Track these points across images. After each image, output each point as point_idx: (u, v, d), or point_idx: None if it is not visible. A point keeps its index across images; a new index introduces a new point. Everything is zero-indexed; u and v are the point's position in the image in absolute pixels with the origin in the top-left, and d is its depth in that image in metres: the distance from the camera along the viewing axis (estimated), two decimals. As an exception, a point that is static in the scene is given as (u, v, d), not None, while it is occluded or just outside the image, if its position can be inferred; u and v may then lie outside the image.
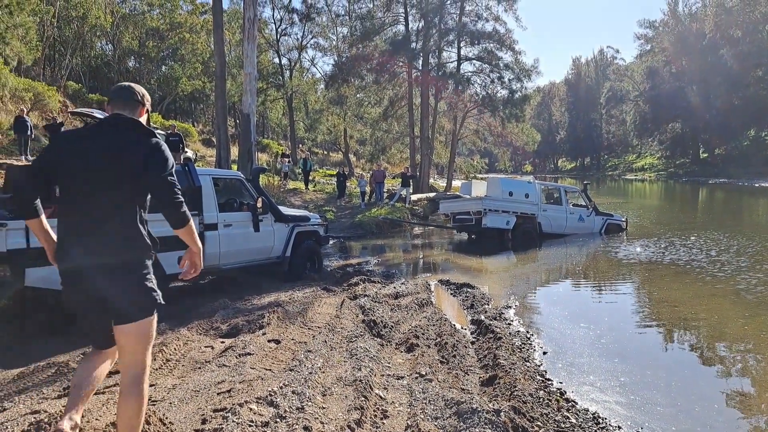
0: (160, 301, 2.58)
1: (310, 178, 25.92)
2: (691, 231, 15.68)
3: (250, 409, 3.31)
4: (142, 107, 2.63)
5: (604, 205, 19.50)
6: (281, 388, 3.70)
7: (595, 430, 3.88)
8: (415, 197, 23.41)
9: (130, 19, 36.45)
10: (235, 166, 16.72)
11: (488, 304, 7.64)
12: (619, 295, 9.04)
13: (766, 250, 11.99)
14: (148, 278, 2.54)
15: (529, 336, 6.16)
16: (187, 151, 18.76)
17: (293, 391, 3.63)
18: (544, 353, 5.62)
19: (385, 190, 23.07)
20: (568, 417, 3.96)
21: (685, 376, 5.23)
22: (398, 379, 4.37)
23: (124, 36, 36.79)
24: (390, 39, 29.39)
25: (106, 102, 2.70)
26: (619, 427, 3.98)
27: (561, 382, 4.80)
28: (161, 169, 2.45)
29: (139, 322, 2.51)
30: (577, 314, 7.46)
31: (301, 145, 43.17)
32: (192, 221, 2.59)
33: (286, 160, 26.79)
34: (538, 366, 5.17)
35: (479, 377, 4.62)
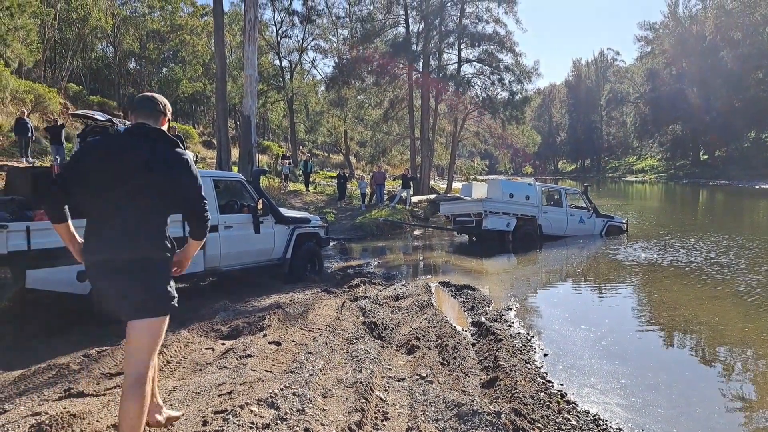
0: (176, 305, 2.70)
1: (311, 179, 25.93)
2: (692, 233, 15.68)
3: (251, 411, 3.31)
4: (164, 117, 2.76)
5: (605, 207, 19.49)
6: (282, 389, 3.70)
7: (596, 432, 3.88)
8: (415, 199, 23.41)
9: (131, 21, 36.53)
10: (235, 168, 16.72)
11: (489, 306, 7.64)
12: (619, 297, 9.03)
13: (766, 252, 11.98)
14: (168, 281, 2.68)
15: (529, 338, 6.16)
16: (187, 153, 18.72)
17: (294, 393, 3.63)
18: (545, 355, 5.62)
19: (385, 192, 23.07)
20: (569, 419, 3.96)
21: (686, 377, 5.23)
22: (399, 380, 4.37)
23: (125, 38, 36.86)
24: (390, 41, 29.45)
25: (130, 111, 2.81)
26: (620, 429, 3.97)
27: (562, 384, 4.79)
28: (195, 182, 2.67)
29: (152, 320, 2.63)
30: (578, 316, 7.46)
31: (301, 147, 43.19)
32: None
33: (287, 161, 26.80)
34: (539, 368, 5.17)
35: (480, 379, 4.61)
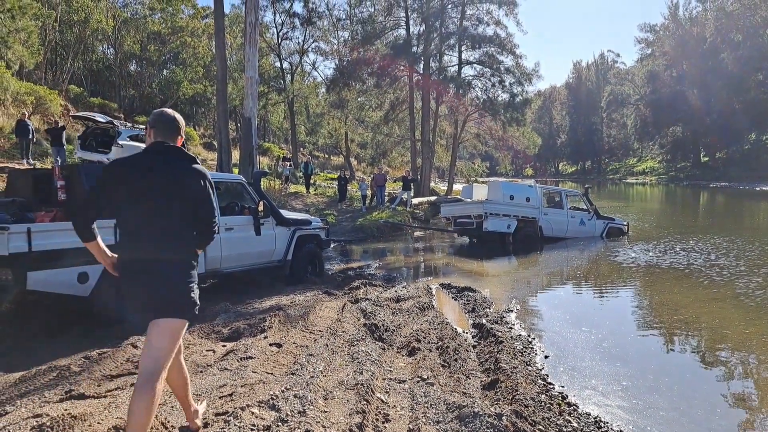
0: (197, 312, 2.90)
1: (311, 181, 25.94)
2: (692, 235, 15.68)
3: (252, 413, 3.31)
4: (181, 136, 2.97)
5: (605, 209, 19.49)
6: (283, 391, 3.70)
7: (597, 435, 3.88)
8: (416, 201, 23.43)
9: (132, 23, 36.55)
10: (236, 170, 16.72)
11: (489, 308, 7.64)
12: (620, 298, 9.03)
13: (766, 254, 11.98)
14: (194, 287, 2.88)
15: (530, 340, 6.15)
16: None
17: (295, 395, 3.63)
18: (546, 357, 5.62)
19: (386, 194, 23.08)
20: (570, 421, 3.96)
21: (687, 379, 5.23)
22: (400, 382, 4.37)
23: (126, 40, 36.87)
24: (391, 43, 29.48)
25: (148, 125, 2.94)
26: (622, 431, 3.97)
27: (563, 386, 4.79)
28: (210, 198, 2.93)
29: (173, 321, 2.80)
30: (579, 318, 7.45)
31: (302, 149, 43.22)
32: None
33: (288, 163, 26.83)
34: (540, 370, 5.16)
35: (481, 381, 4.61)
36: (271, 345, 5.17)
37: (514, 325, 6.83)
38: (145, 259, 2.78)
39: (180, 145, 2.96)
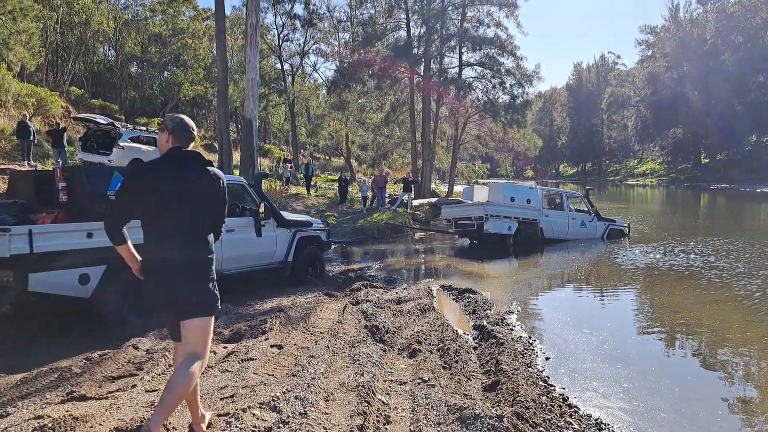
0: (219, 306, 3.10)
1: (312, 183, 25.94)
2: (693, 236, 15.67)
3: (253, 415, 3.31)
4: (193, 141, 3.15)
5: (606, 211, 19.49)
6: (284, 393, 3.70)
7: (599, 436, 3.88)
8: (416, 202, 23.43)
9: (133, 25, 36.60)
10: (237, 172, 16.74)
11: (490, 310, 7.64)
12: (620, 300, 9.03)
13: (766, 256, 11.97)
14: (214, 284, 3.05)
15: (531, 341, 6.15)
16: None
17: (296, 397, 3.63)
18: (547, 359, 5.62)
19: (386, 195, 23.08)
20: (571, 423, 3.96)
21: (689, 381, 5.23)
22: (401, 384, 4.37)
23: (127, 41, 36.92)
24: (392, 44, 29.49)
25: (167, 130, 3.07)
26: (623, 433, 3.97)
27: (564, 388, 4.79)
28: (225, 199, 3.14)
29: (202, 319, 3.00)
30: (580, 320, 7.45)
31: (303, 151, 43.23)
32: None
33: (288, 165, 26.85)
34: (541, 372, 5.17)
35: (482, 383, 4.61)
36: (272, 346, 5.18)
37: (514, 326, 6.83)
38: (170, 260, 2.93)
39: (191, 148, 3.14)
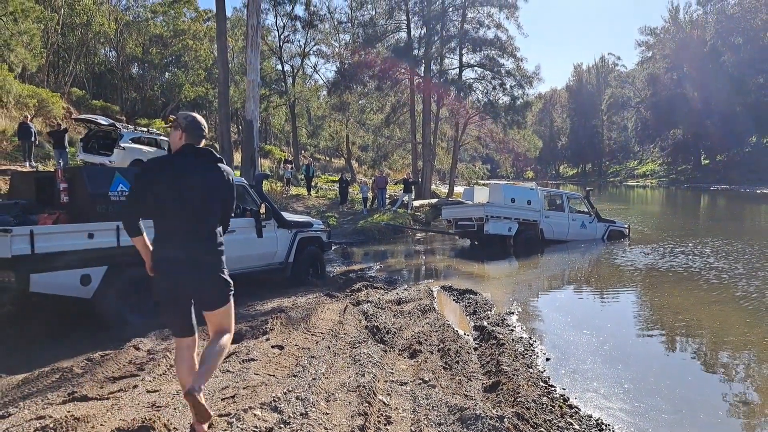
0: (232, 290, 3.23)
1: (313, 184, 25.96)
2: (693, 237, 15.67)
3: (255, 415, 3.31)
4: (206, 139, 3.28)
5: (606, 212, 19.49)
6: (285, 393, 3.71)
7: (599, 437, 3.88)
8: (417, 203, 23.43)
9: (134, 26, 36.62)
10: (238, 173, 16.77)
11: (491, 311, 7.64)
12: (621, 301, 9.03)
13: (766, 257, 11.97)
14: (224, 269, 3.18)
15: (531, 342, 6.16)
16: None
17: (297, 397, 3.64)
18: (547, 359, 5.62)
19: (387, 196, 23.09)
20: (572, 423, 3.96)
21: (689, 382, 5.23)
22: (401, 385, 4.37)
23: (128, 43, 36.95)
24: (392, 46, 29.49)
25: (180, 128, 3.16)
26: (623, 434, 3.97)
27: (564, 389, 4.79)
28: (234, 195, 3.28)
29: (222, 308, 3.18)
30: (580, 320, 7.45)
31: (303, 152, 43.24)
32: None
33: (289, 166, 26.86)
34: (541, 372, 5.17)
35: (482, 383, 4.61)
36: (272, 347, 5.19)
37: (515, 327, 6.84)
38: (185, 254, 3.04)
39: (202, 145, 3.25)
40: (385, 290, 8.75)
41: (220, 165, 3.21)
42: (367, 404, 3.68)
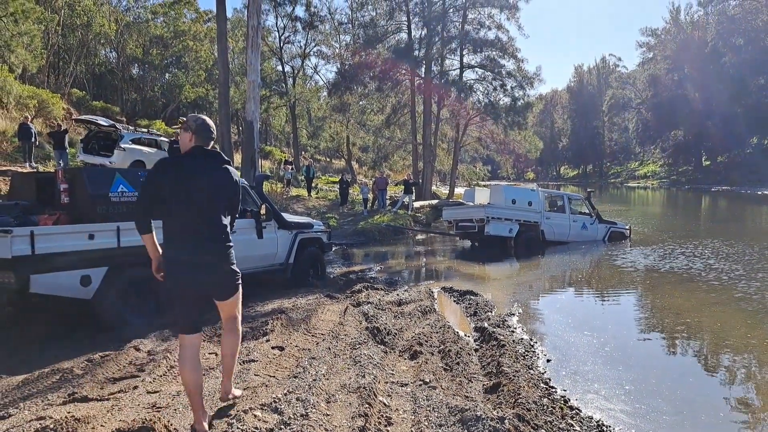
0: (240, 280, 3.45)
1: (313, 185, 25.96)
2: (693, 239, 15.67)
3: (255, 416, 3.31)
4: (214, 140, 3.43)
5: (607, 213, 19.48)
6: (285, 394, 3.71)
7: (600, 438, 3.87)
8: (417, 204, 23.43)
9: (134, 27, 36.65)
10: (238, 173, 16.77)
11: (491, 312, 7.63)
12: (622, 302, 9.02)
13: (766, 259, 11.96)
14: (234, 261, 3.38)
15: (532, 343, 6.15)
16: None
17: (297, 398, 3.63)
18: (548, 361, 5.61)
19: (387, 197, 23.08)
20: (573, 425, 3.95)
21: (690, 384, 5.22)
22: (402, 386, 4.37)
23: (128, 44, 36.97)
24: (393, 47, 29.49)
25: (190, 130, 3.29)
26: (624, 435, 3.96)
27: (565, 390, 4.79)
28: (240, 195, 3.48)
29: (234, 297, 3.43)
30: (581, 322, 7.44)
31: (304, 153, 43.27)
32: None
33: (289, 167, 26.84)
34: (542, 373, 5.16)
35: (483, 385, 4.61)
36: (273, 348, 5.18)
37: (516, 328, 6.83)
38: (195, 254, 3.18)
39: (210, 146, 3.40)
40: (386, 291, 8.74)
41: (228, 167, 3.34)
42: (367, 405, 3.68)
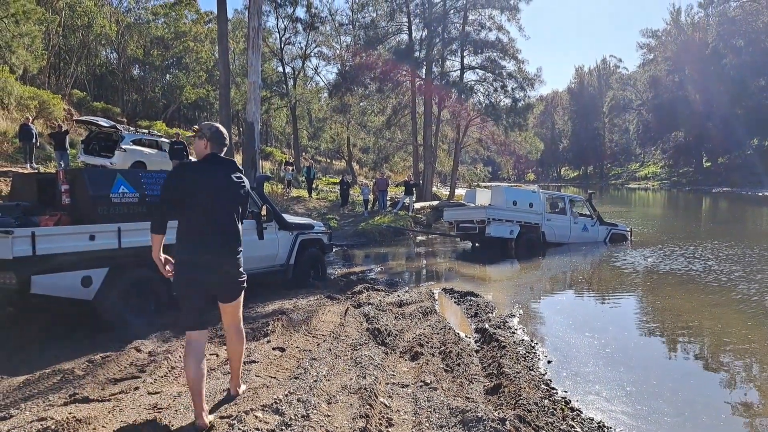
0: (245, 283, 3.61)
1: (314, 186, 25.97)
2: (694, 240, 15.66)
3: (256, 417, 3.31)
4: (227, 147, 3.61)
5: (607, 214, 19.48)
6: (286, 395, 3.70)
7: (601, 440, 3.87)
8: (418, 205, 23.42)
9: (135, 28, 36.68)
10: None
11: (492, 313, 7.63)
12: (623, 304, 9.02)
13: (766, 260, 11.97)
14: (242, 268, 3.56)
15: (533, 345, 6.15)
16: (191, 159, 18.80)
17: (298, 399, 3.63)
18: (549, 362, 5.61)
19: (388, 198, 23.08)
20: (573, 426, 3.95)
21: (691, 385, 5.22)
22: (403, 387, 4.36)
23: (129, 44, 37.01)
24: (393, 48, 29.50)
25: (205, 138, 3.47)
26: (625, 437, 3.96)
27: (566, 391, 4.78)
28: (247, 199, 3.62)
29: (238, 299, 3.61)
30: (581, 323, 7.44)
31: (304, 154, 43.29)
32: None
33: (290, 168, 26.84)
34: (543, 375, 5.16)
35: (484, 386, 4.61)
36: (274, 349, 5.18)
37: (516, 329, 6.83)
38: (209, 255, 3.35)
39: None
40: (387, 292, 8.74)
41: (242, 175, 3.55)
42: (368, 406, 3.67)
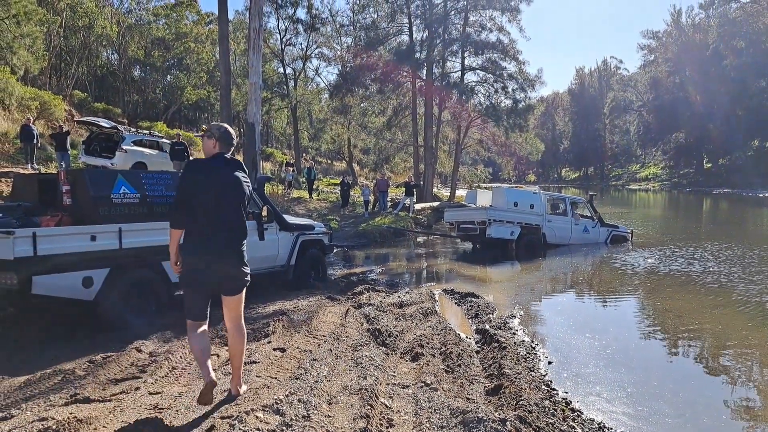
0: (248, 279, 3.76)
1: (314, 186, 25.98)
2: (695, 242, 15.65)
3: (257, 417, 3.31)
4: (234, 147, 3.77)
5: (608, 215, 19.47)
6: (287, 396, 3.71)
7: (602, 441, 3.87)
8: (418, 206, 23.42)
9: (136, 29, 36.70)
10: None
11: (493, 314, 7.63)
12: (623, 305, 9.01)
13: (766, 261, 11.96)
14: (246, 263, 3.71)
15: (533, 345, 6.15)
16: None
17: (299, 400, 3.63)
18: (549, 363, 5.61)
19: (388, 199, 23.08)
20: (574, 427, 3.95)
21: (692, 386, 5.21)
22: (403, 387, 4.36)
23: (130, 45, 37.02)
24: (394, 49, 29.53)
25: (214, 138, 3.64)
26: (626, 438, 3.96)
27: (566, 392, 4.78)
28: (250, 197, 3.76)
29: (240, 293, 3.74)
30: (582, 324, 7.44)
31: (305, 154, 43.32)
32: None
33: (291, 169, 26.86)
34: (544, 376, 5.16)
35: (484, 386, 4.60)
36: (274, 350, 5.18)
37: (517, 330, 6.83)
38: (215, 249, 3.50)
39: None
40: (387, 293, 8.74)
41: (244, 173, 3.68)
42: (369, 407, 3.67)
